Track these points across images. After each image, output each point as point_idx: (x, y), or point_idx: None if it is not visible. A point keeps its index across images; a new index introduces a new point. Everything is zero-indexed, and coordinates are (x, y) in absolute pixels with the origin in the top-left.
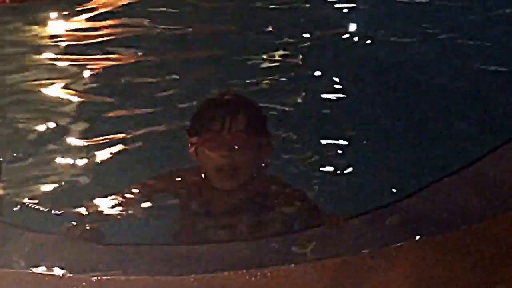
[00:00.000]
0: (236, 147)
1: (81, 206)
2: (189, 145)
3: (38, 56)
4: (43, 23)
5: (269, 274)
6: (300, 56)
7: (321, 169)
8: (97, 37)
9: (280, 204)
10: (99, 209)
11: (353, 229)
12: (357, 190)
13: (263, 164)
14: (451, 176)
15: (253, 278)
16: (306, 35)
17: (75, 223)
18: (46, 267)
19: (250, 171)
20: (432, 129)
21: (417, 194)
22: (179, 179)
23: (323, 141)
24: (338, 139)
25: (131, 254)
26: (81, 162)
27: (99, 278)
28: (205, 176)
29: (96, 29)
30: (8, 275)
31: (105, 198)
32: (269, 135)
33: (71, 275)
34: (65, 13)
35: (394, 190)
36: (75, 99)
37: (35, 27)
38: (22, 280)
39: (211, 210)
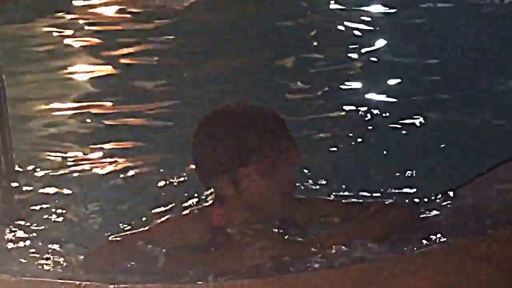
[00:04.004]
0: (291, 164)
1: None
2: (218, 185)
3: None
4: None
5: (289, 282)
6: None
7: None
8: None
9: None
10: None
11: None
12: None
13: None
14: (475, 180)
15: (273, 286)
16: None
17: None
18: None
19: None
20: (458, 133)
21: (440, 198)
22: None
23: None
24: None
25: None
26: None
27: (116, 286)
28: (257, 210)
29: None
30: (22, 283)
31: None
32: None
33: (88, 283)
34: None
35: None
36: None
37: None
38: None
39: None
